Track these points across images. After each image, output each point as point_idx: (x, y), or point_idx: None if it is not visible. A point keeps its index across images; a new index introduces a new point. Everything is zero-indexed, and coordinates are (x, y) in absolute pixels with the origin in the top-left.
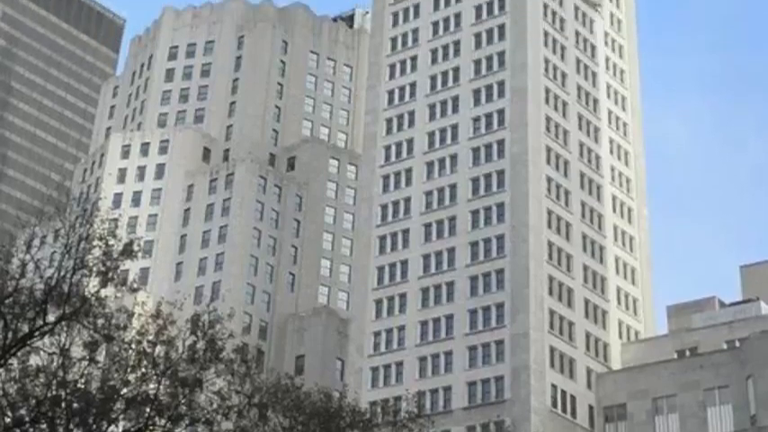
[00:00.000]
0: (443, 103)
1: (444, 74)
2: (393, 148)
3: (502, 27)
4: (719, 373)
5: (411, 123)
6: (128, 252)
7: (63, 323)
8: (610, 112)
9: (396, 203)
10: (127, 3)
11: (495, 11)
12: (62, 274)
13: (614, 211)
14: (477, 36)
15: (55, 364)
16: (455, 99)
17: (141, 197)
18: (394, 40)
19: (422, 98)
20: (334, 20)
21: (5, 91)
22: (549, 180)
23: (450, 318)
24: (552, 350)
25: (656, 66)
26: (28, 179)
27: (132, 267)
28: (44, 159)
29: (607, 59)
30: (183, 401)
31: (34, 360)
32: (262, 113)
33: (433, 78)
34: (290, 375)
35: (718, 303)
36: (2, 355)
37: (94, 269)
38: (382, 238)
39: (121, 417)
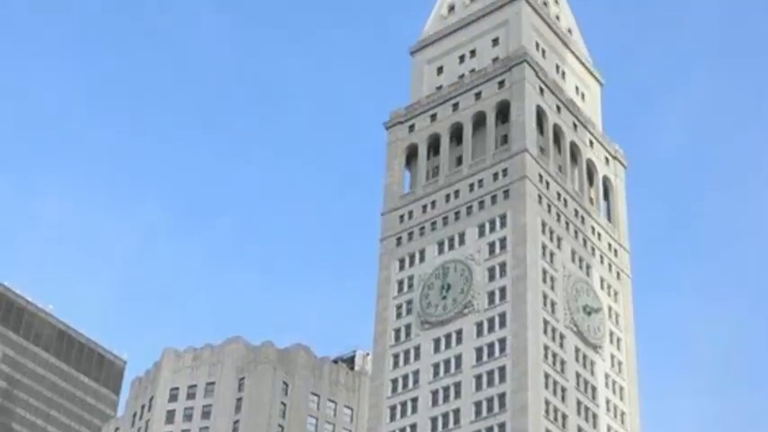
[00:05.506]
0: None
1: (445, 415)
2: None
3: (503, 369)
4: None
5: None
6: None
7: None
8: None
9: None
10: (127, 344)
11: (496, 353)
12: None
13: None
14: (478, 378)
15: None
16: None
17: None
18: (395, 381)
19: None
20: (335, 361)
21: None
22: None
23: None
24: None
25: (656, 408)
26: None
27: None
28: None
29: (608, 401)
30: None
31: None
32: None
33: (434, 420)
34: None
35: None
36: None
37: None
38: None
39: None
